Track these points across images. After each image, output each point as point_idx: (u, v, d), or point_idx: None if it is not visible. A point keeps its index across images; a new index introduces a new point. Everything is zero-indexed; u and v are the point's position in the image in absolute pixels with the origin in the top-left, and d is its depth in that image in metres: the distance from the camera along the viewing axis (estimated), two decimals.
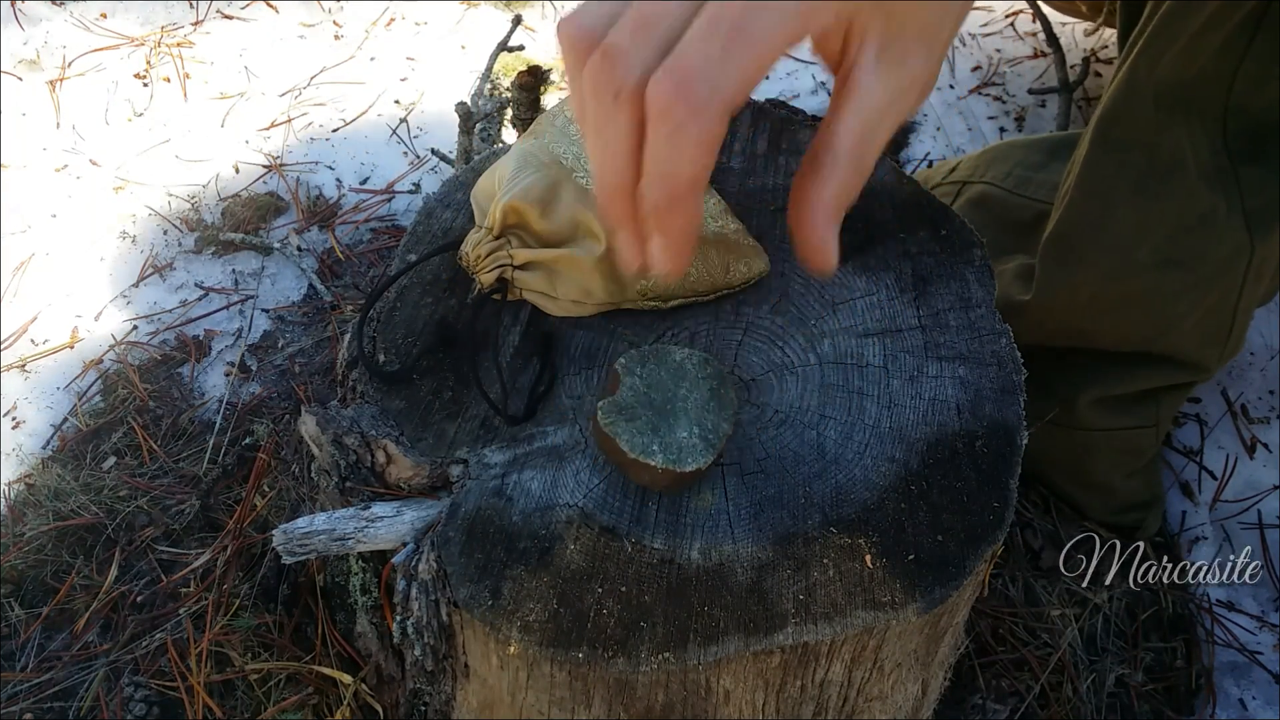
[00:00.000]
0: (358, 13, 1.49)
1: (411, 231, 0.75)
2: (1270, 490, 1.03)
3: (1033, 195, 1.00)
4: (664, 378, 0.59)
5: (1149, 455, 0.98)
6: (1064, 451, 0.97)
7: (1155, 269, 0.85)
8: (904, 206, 0.76)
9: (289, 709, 0.84)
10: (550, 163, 0.69)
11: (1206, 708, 0.93)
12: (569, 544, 0.58)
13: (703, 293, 0.70)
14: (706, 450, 0.57)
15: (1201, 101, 0.81)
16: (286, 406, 1.05)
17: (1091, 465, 0.98)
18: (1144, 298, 0.86)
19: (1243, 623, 0.97)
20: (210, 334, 1.13)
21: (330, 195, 1.26)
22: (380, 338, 0.69)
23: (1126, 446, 0.96)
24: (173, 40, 1.43)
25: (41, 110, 1.33)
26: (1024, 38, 1.45)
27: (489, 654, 0.60)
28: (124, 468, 1.01)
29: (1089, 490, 0.99)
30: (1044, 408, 0.93)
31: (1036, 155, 1.03)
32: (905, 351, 0.68)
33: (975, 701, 0.91)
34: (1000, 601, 0.96)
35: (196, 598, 0.91)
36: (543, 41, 1.43)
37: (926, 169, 1.21)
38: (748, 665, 0.57)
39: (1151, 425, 0.96)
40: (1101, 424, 0.95)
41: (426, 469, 0.63)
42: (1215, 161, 0.82)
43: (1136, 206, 0.84)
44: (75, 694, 0.87)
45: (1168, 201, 0.83)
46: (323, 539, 0.61)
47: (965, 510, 0.60)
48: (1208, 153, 0.82)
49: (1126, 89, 0.83)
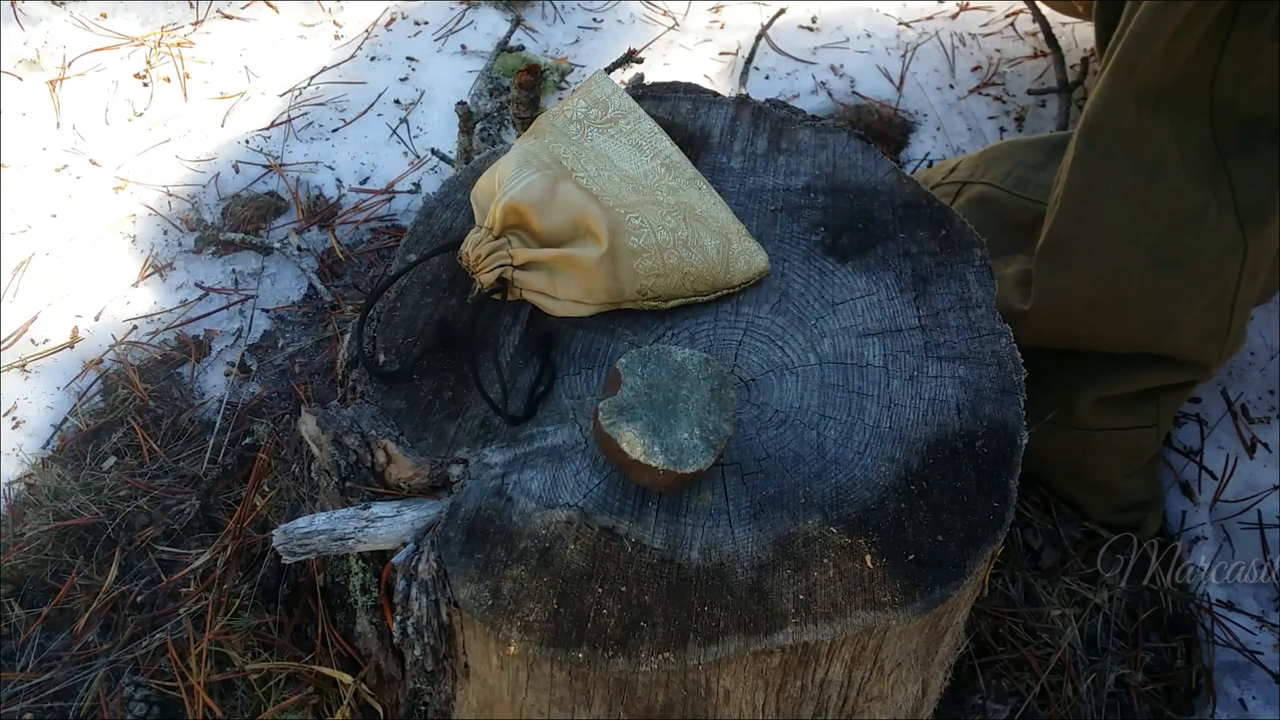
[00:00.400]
0: (358, 13, 1.49)
1: (411, 231, 0.75)
2: (1270, 490, 1.03)
3: (1032, 196, 1.00)
4: (665, 378, 0.59)
5: (1149, 455, 0.98)
6: (1064, 451, 0.97)
7: (1150, 269, 0.85)
8: (904, 207, 0.76)
9: (289, 709, 0.84)
10: (550, 163, 0.69)
11: (1207, 707, 0.93)
12: (569, 544, 0.58)
13: (703, 292, 0.70)
14: (707, 451, 0.57)
15: (1185, 100, 0.82)
16: (286, 406, 1.05)
17: (1092, 465, 0.98)
18: (1141, 298, 0.86)
19: (1243, 623, 0.97)
20: (210, 334, 1.13)
21: (330, 195, 1.26)
22: (380, 338, 0.69)
23: (1127, 446, 0.96)
24: (173, 40, 1.43)
25: (42, 110, 1.33)
26: (1024, 38, 1.45)
27: (489, 654, 0.60)
28: (124, 468, 1.00)
29: (1089, 490, 0.99)
30: (1044, 406, 0.93)
31: (1036, 155, 1.04)
32: (905, 351, 0.68)
33: (975, 701, 0.91)
34: (1000, 601, 0.96)
35: (196, 597, 0.91)
36: (542, 42, 1.43)
37: (926, 169, 1.21)
38: (748, 665, 0.57)
39: (1152, 425, 0.96)
40: (1101, 424, 0.95)
41: (426, 469, 0.63)
42: (1204, 159, 0.83)
43: (1127, 208, 0.84)
44: (75, 694, 0.87)
45: (1158, 201, 0.84)
46: (323, 539, 0.61)
47: (965, 510, 0.60)
48: (1195, 150, 0.83)
49: (1109, 92, 0.84)
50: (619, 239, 0.66)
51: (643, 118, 0.73)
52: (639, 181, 0.70)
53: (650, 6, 1.50)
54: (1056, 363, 0.93)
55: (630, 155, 0.71)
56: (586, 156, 0.70)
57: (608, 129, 0.72)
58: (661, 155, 0.71)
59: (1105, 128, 0.85)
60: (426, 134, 1.33)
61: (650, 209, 0.68)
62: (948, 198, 1.07)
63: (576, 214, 0.66)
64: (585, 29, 1.46)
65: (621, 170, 0.70)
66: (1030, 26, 1.46)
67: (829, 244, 0.73)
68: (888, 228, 0.74)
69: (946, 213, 0.76)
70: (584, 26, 1.46)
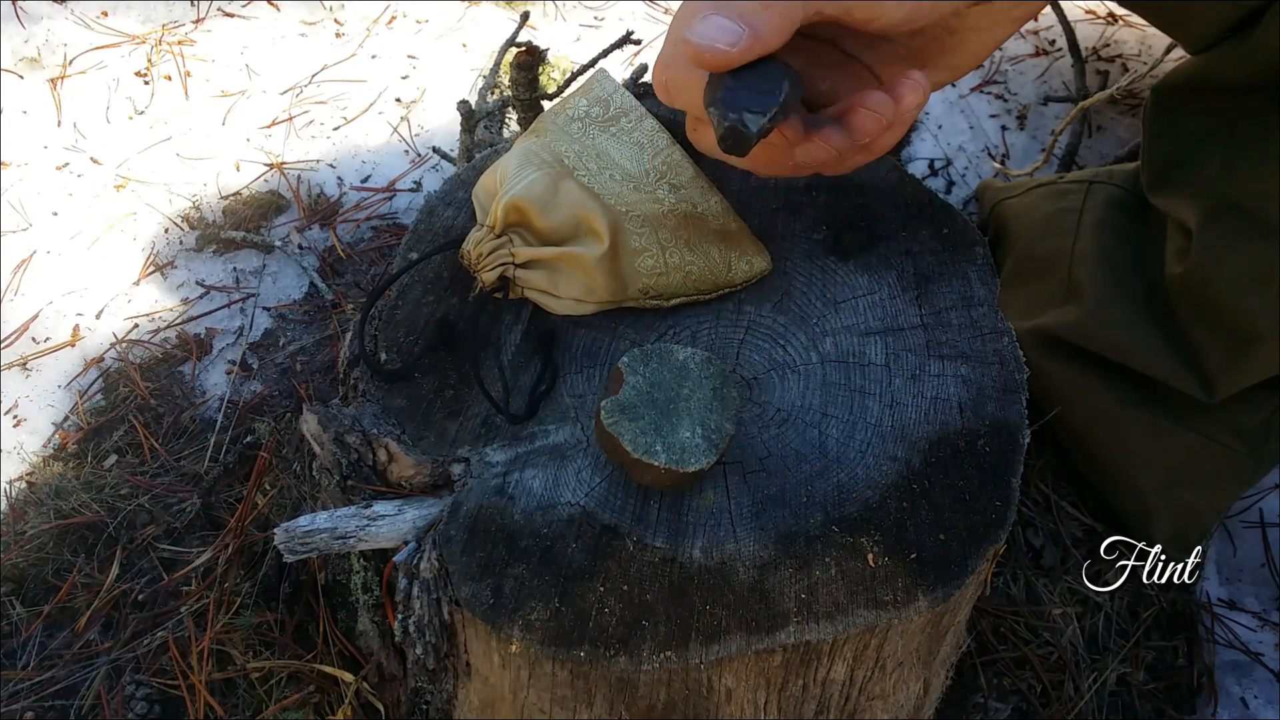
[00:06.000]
0: (359, 11, 1.49)
1: (413, 230, 0.75)
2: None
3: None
4: (667, 377, 0.59)
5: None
6: (1175, 455, 0.93)
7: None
8: (906, 205, 0.76)
9: (290, 707, 0.84)
10: (552, 161, 0.69)
11: (1208, 707, 0.93)
12: (571, 543, 0.58)
13: (704, 291, 0.70)
14: (709, 450, 0.57)
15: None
16: (288, 405, 1.05)
17: (1204, 477, 0.93)
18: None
19: (1244, 621, 0.97)
20: (211, 332, 1.13)
21: (331, 193, 1.26)
22: (382, 336, 0.69)
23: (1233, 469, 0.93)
24: (174, 38, 1.43)
25: (43, 108, 1.33)
26: (1025, 35, 1.45)
27: (491, 653, 0.60)
28: (125, 466, 1.01)
29: (1171, 508, 0.94)
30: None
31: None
32: (907, 350, 0.68)
33: (977, 700, 0.91)
34: (1002, 600, 0.96)
35: (198, 596, 0.91)
36: (545, 39, 1.43)
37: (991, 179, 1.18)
38: (750, 664, 0.57)
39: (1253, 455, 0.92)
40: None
41: (428, 467, 0.62)
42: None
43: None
44: (76, 692, 0.87)
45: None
46: (324, 537, 0.61)
47: (967, 509, 0.60)
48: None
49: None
50: (621, 237, 0.66)
51: (644, 116, 0.73)
52: (640, 180, 0.70)
53: (652, 5, 1.50)
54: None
55: (631, 153, 0.71)
56: (588, 155, 0.70)
57: (609, 127, 0.72)
58: (663, 153, 0.71)
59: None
60: (428, 132, 1.33)
61: (652, 207, 0.68)
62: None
63: (578, 212, 0.66)
64: (586, 27, 1.46)
65: (623, 168, 0.70)
66: (1033, 24, 1.46)
67: (831, 242, 0.73)
68: (890, 226, 0.74)
69: (948, 211, 0.76)
70: (585, 24, 1.46)
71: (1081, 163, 1.25)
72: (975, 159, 1.30)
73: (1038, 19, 1.40)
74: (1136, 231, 0.96)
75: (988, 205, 1.15)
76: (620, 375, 0.59)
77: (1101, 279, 0.94)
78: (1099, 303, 0.93)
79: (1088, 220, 0.99)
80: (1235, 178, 0.83)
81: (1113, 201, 0.99)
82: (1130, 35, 1.40)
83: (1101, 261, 0.95)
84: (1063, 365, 0.96)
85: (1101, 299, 0.93)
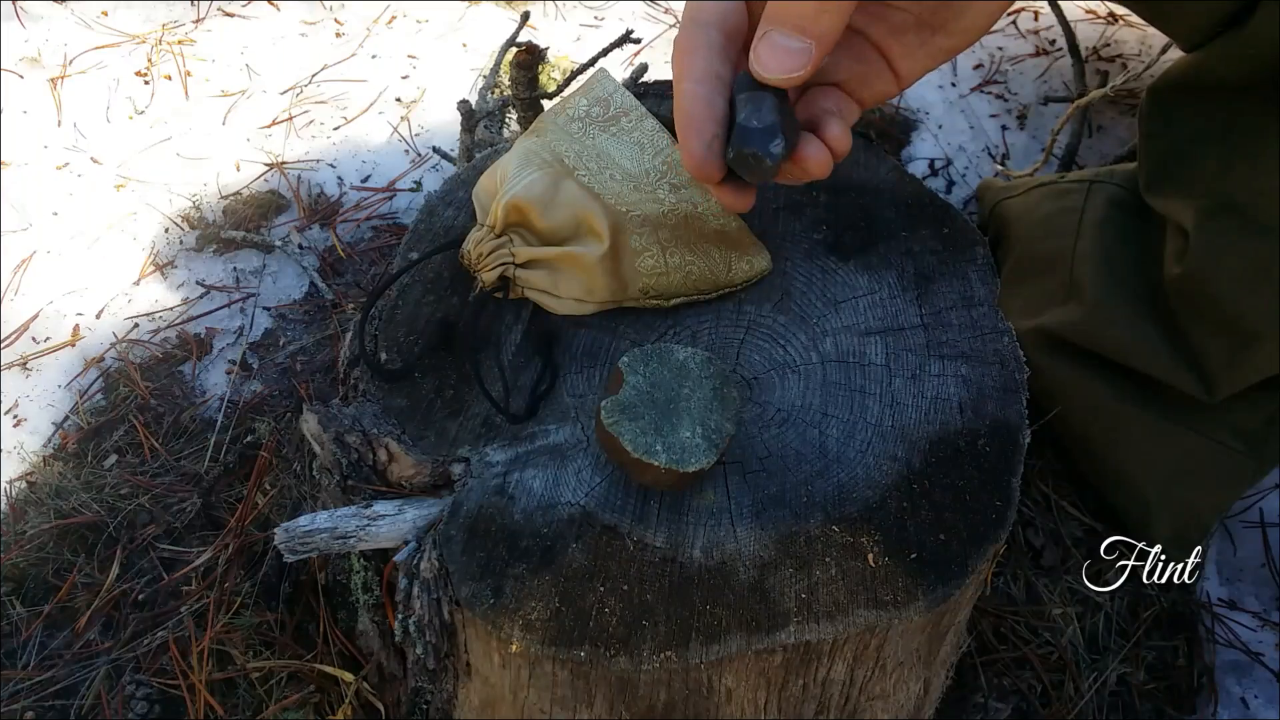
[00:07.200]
0: (359, 11, 1.49)
1: (413, 230, 0.75)
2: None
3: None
4: (667, 377, 0.59)
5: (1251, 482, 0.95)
6: (1175, 455, 0.92)
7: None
8: (906, 205, 0.76)
9: (290, 707, 0.84)
10: (552, 161, 0.69)
11: (1208, 706, 0.93)
12: (571, 543, 0.58)
13: (705, 291, 0.70)
14: (709, 450, 0.57)
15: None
16: (288, 404, 1.05)
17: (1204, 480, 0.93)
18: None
19: (1244, 621, 0.97)
20: (212, 332, 1.13)
21: (331, 193, 1.26)
22: (382, 336, 0.69)
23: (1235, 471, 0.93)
24: (174, 38, 1.43)
25: (43, 108, 1.33)
26: (1025, 35, 1.45)
27: (491, 652, 0.60)
28: (125, 466, 1.00)
29: (1171, 508, 0.94)
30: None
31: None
32: (907, 350, 0.68)
33: (977, 700, 0.91)
34: (1002, 600, 0.96)
35: (198, 596, 0.91)
36: (545, 38, 1.43)
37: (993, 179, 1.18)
38: (750, 664, 0.57)
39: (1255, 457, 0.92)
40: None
41: (428, 467, 0.62)
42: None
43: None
44: (77, 692, 0.87)
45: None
46: (324, 537, 0.61)
47: (968, 509, 0.60)
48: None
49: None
50: (621, 237, 0.66)
51: (645, 116, 0.73)
52: (640, 180, 0.70)
53: (652, 5, 1.50)
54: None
55: (632, 153, 0.71)
56: (588, 154, 0.70)
57: (609, 127, 0.72)
58: (663, 153, 0.71)
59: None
60: (428, 132, 1.33)
61: (652, 207, 0.68)
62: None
63: (578, 212, 0.66)
64: (587, 27, 1.46)
65: (623, 168, 0.70)
66: (1032, 24, 1.46)
67: (831, 242, 0.73)
68: (890, 226, 0.74)
69: (949, 211, 0.76)
70: (585, 24, 1.46)
71: (1081, 162, 1.25)
72: (975, 159, 1.30)
73: (1037, 19, 1.40)
74: (1137, 231, 0.96)
75: (988, 205, 1.15)
76: (620, 375, 0.59)
77: (1102, 279, 0.94)
78: (1100, 302, 0.93)
79: (1089, 220, 0.99)
80: (1231, 177, 0.83)
81: (1114, 201, 0.99)
82: (1130, 35, 1.40)
83: (1102, 261, 0.95)
84: (1063, 365, 0.96)
85: (1102, 299, 0.93)
